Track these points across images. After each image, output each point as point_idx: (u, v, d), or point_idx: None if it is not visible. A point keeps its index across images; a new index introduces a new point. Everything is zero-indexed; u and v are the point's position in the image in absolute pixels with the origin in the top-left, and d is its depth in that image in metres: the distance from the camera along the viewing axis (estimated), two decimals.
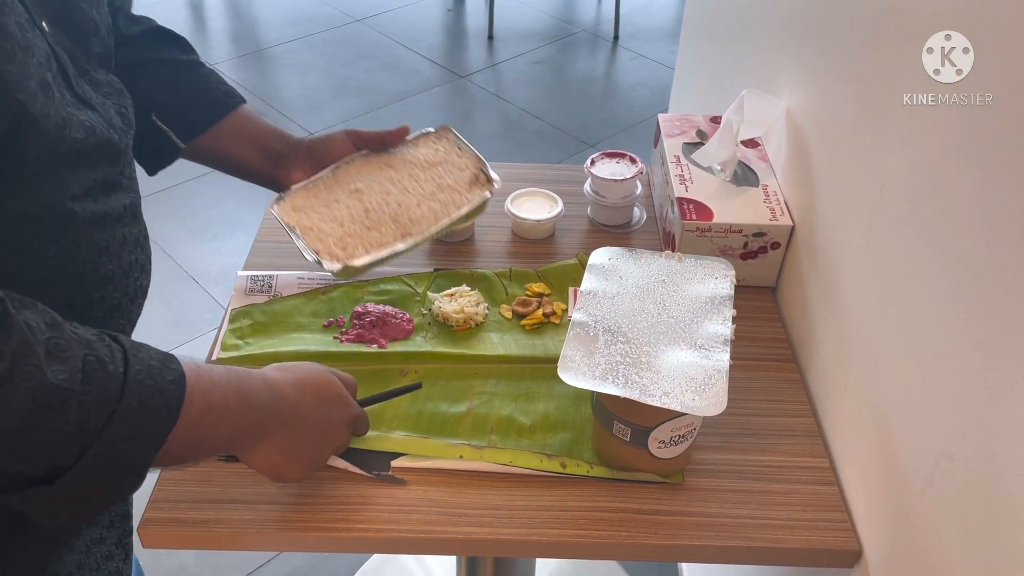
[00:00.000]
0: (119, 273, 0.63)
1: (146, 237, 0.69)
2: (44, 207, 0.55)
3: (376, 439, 0.84)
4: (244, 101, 0.94)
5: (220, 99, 0.92)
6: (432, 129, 1.01)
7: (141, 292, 0.68)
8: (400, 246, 0.91)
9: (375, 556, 1.62)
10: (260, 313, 0.99)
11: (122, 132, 0.63)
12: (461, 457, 0.83)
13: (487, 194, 0.95)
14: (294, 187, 0.96)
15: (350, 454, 0.82)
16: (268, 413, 0.65)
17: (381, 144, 0.98)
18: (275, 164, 0.95)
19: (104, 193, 0.61)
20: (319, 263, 0.90)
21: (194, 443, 0.58)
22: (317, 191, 0.97)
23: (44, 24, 0.56)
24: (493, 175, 0.97)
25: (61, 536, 0.65)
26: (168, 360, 0.55)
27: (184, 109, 0.88)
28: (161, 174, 0.90)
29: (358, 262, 0.90)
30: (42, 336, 0.48)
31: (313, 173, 0.97)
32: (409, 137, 1.00)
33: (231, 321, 0.98)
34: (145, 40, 0.86)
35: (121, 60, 0.78)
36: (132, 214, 0.65)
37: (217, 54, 3.40)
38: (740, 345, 0.96)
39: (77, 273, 0.59)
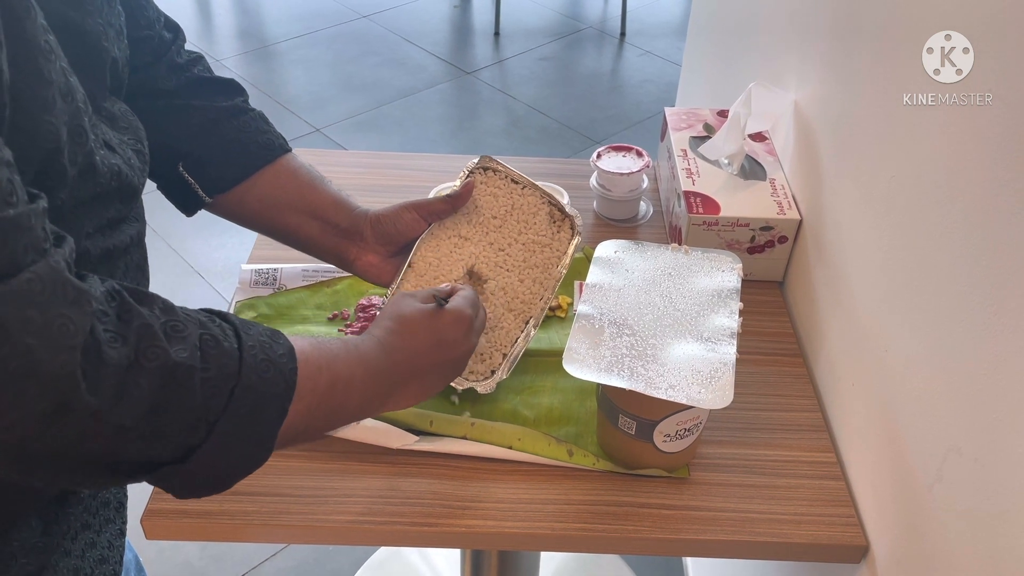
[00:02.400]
0: None
1: (145, 259, 0.68)
2: None
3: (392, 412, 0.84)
4: (284, 152, 0.84)
5: (254, 151, 0.82)
6: (475, 161, 0.90)
7: None
8: (532, 332, 0.87)
9: (380, 550, 1.62)
10: (265, 305, 0.99)
11: (139, 172, 0.63)
12: (472, 425, 0.83)
13: (577, 238, 0.89)
14: (389, 294, 0.85)
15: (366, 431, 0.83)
16: (389, 374, 0.67)
17: (451, 209, 0.88)
18: (342, 240, 0.86)
19: (113, 228, 0.61)
20: (473, 389, 0.85)
21: (330, 413, 0.61)
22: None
23: (65, 63, 0.54)
24: (569, 211, 0.90)
25: (57, 541, 0.65)
26: (275, 335, 0.57)
27: (212, 160, 0.81)
28: None
29: (507, 370, 0.86)
30: (159, 320, 0.49)
31: (384, 253, 0.87)
32: (458, 183, 0.89)
33: (235, 313, 0.97)
34: (183, 89, 0.79)
35: (154, 108, 0.76)
36: (137, 241, 0.65)
37: (223, 50, 3.40)
38: (747, 339, 0.95)
39: None
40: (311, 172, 0.86)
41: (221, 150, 0.81)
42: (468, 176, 0.90)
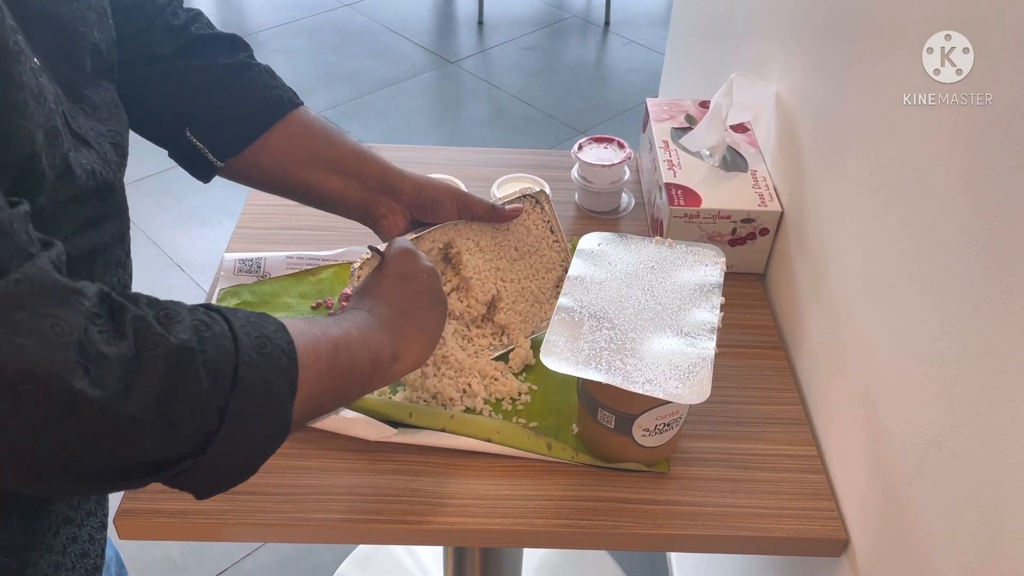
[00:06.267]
0: None
1: (128, 254, 0.66)
2: None
3: (371, 403, 0.84)
4: (294, 106, 0.81)
5: (262, 109, 0.79)
6: (535, 190, 0.90)
7: None
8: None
9: (362, 545, 1.61)
10: (248, 293, 0.98)
11: (116, 167, 0.61)
12: (451, 417, 0.82)
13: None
14: (374, 249, 0.80)
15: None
16: (380, 326, 0.66)
17: (489, 218, 0.86)
18: (371, 194, 0.82)
19: (93, 227, 0.59)
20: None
21: (344, 376, 0.60)
22: None
23: (36, 61, 0.52)
24: None
25: (39, 538, 0.64)
26: (262, 316, 0.56)
27: (219, 122, 0.77)
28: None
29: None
30: (149, 312, 0.48)
31: (410, 217, 0.84)
32: (505, 198, 0.88)
33: (219, 301, 0.97)
34: (182, 51, 0.76)
35: (153, 74, 0.74)
36: (119, 239, 0.64)
37: None
38: (728, 332, 0.95)
39: None
40: (326, 125, 0.83)
41: (227, 110, 0.78)
42: (521, 199, 0.89)
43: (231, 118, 0.78)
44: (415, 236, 0.83)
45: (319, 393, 0.57)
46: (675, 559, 1.61)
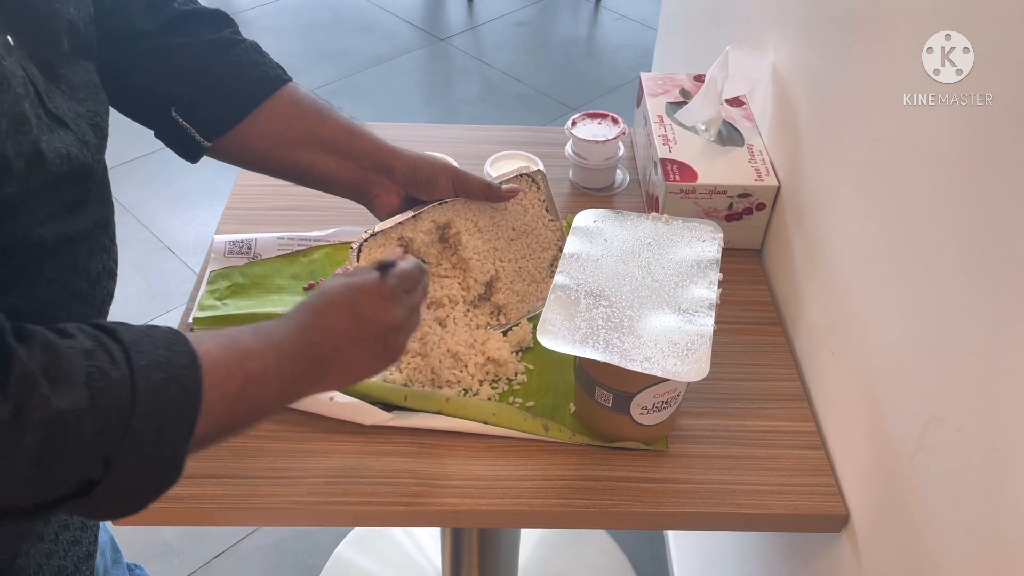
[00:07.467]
0: (87, 287, 0.60)
1: (113, 240, 0.64)
2: (11, 238, 0.51)
3: (366, 387, 0.83)
4: (283, 83, 0.78)
5: (249, 87, 0.76)
6: (533, 168, 0.89)
7: (108, 298, 0.65)
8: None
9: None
10: (239, 275, 0.97)
11: (95, 149, 0.58)
12: (447, 399, 0.82)
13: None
14: (377, 229, 0.80)
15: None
16: (305, 356, 0.60)
17: (485, 197, 0.84)
18: (365, 173, 0.80)
19: (73, 212, 0.57)
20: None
21: (247, 412, 0.56)
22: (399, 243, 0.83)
23: (9, 39, 0.51)
24: None
25: (30, 527, 0.63)
26: (174, 344, 0.51)
27: (205, 101, 0.75)
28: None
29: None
30: (39, 362, 0.45)
31: (404, 195, 0.82)
32: (497, 175, 0.88)
33: (209, 283, 0.95)
34: (164, 28, 0.74)
35: (135, 52, 0.72)
36: (103, 225, 0.61)
37: None
38: (725, 309, 0.94)
39: (43, 297, 0.56)
40: (317, 102, 0.80)
41: (213, 89, 0.75)
42: (518, 179, 0.88)
43: (217, 96, 0.76)
44: (413, 215, 0.81)
45: (215, 430, 0.53)
46: (673, 537, 1.61)
